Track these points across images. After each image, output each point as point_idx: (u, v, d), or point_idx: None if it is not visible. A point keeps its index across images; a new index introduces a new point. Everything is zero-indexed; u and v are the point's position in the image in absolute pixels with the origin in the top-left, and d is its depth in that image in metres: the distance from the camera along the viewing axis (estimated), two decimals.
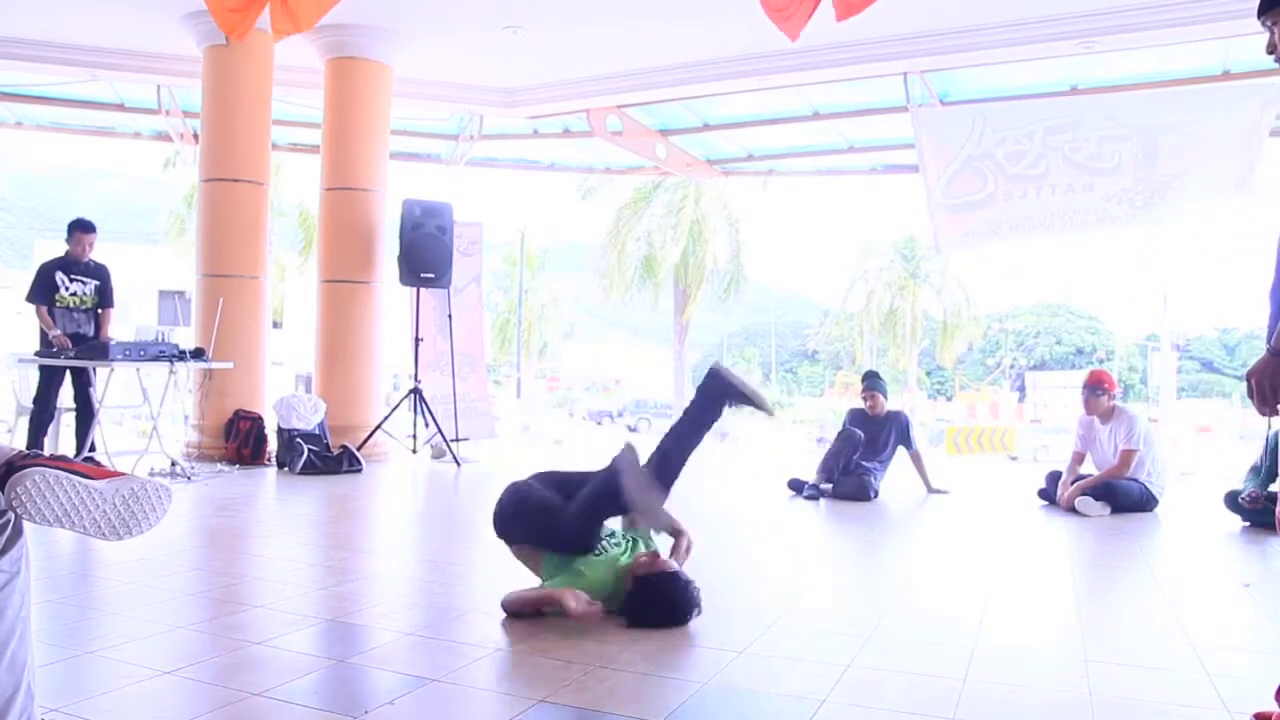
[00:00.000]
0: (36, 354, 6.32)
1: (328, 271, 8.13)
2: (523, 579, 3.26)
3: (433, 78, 8.95)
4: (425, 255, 7.71)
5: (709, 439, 3.29)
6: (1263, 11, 2.41)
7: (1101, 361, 40.51)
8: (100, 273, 6.63)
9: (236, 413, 7.38)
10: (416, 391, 7.69)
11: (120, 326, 7.38)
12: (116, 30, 7.96)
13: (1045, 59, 7.65)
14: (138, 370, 6.53)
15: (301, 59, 8.01)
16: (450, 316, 8.13)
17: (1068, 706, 2.33)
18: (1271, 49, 2.37)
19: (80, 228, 6.55)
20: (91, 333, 6.54)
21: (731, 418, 3.40)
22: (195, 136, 8.90)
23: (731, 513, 6.12)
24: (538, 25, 7.56)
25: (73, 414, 6.58)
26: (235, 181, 7.57)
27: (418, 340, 7.80)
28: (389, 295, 8.30)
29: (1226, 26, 6.68)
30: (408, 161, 10.95)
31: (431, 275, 7.75)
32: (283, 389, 11.71)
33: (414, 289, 7.85)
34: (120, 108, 10.10)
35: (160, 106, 9.68)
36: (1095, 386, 5.97)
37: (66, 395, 6.53)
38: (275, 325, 23.42)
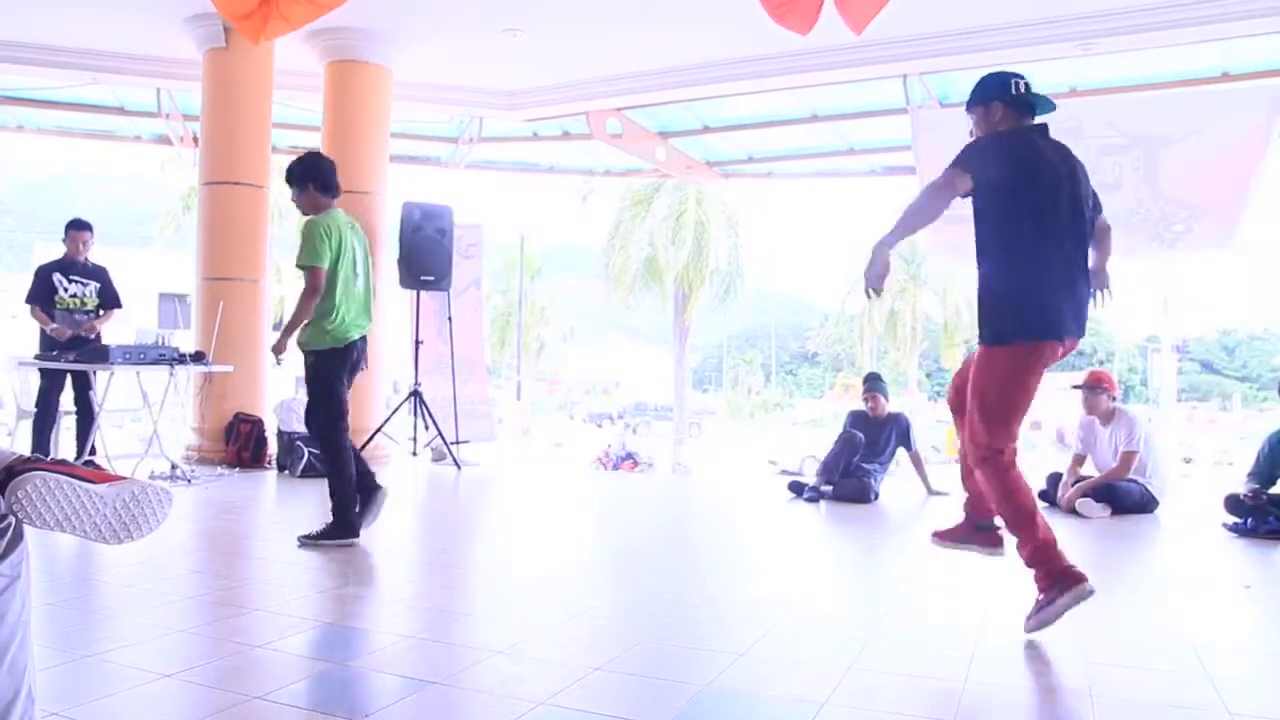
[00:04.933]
0: (36, 357, 6.30)
1: None
2: (520, 581, 3.24)
3: (432, 80, 8.95)
4: (425, 258, 7.72)
5: None
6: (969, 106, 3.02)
7: (1102, 363, 40.47)
8: (99, 274, 6.58)
9: (237, 416, 7.38)
10: (416, 394, 7.69)
11: (120, 329, 7.36)
12: (117, 34, 7.97)
13: (1044, 60, 7.64)
14: (138, 374, 6.53)
15: (301, 62, 8.01)
16: (450, 319, 8.13)
17: (1068, 708, 2.33)
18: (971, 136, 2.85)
19: (76, 226, 6.49)
20: (90, 335, 6.49)
21: None
22: (195, 140, 8.90)
23: (731, 515, 6.13)
24: (537, 28, 7.56)
25: (73, 417, 6.56)
26: (235, 185, 7.57)
27: (418, 343, 7.81)
28: (389, 298, 8.30)
29: (1225, 28, 6.68)
30: (407, 164, 10.95)
31: (431, 278, 7.76)
32: (283, 392, 11.69)
33: (414, 292, 7.85)
34: (120, 111, 10.11)
35: (160, 110, 9.69)
36: (1095, 386, 5.98)
37: (67, 398, 6.51)
38: (275, 328, 23.42)
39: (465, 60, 8.48)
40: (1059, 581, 2.82)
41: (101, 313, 6.56)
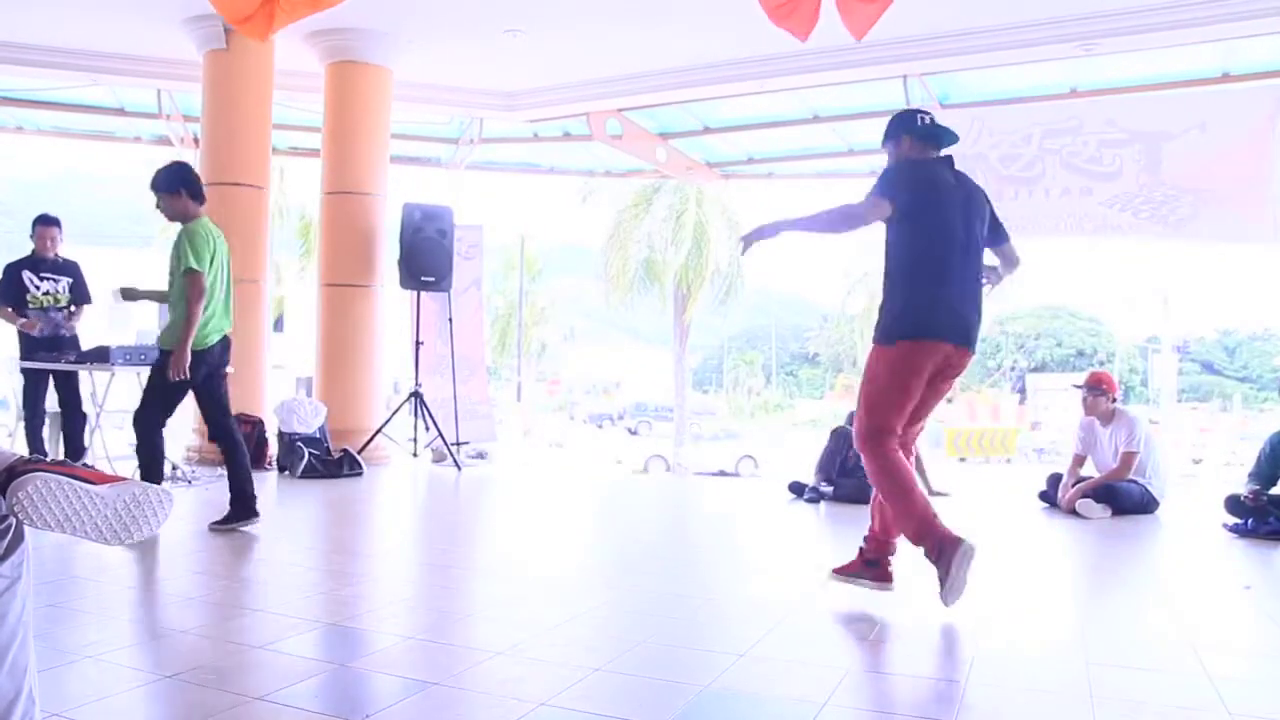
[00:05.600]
0: (22, 358, 6.24)
1: (328, 275, 8.13)
2: (521, 582, 3.24)
3: (433, 81, 8.95)
4: (426, 259, 7.72)
5: None
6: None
7: (1102, 364, 40.49)
8: (71, 269, 6.43)
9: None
10: (417, 395, 7.70)
11: (120, 330, 7.33)
12: (117, 35, 7.97)
13: (1045, 61, 7.64)
14: (138, 374, 6.51)
15: (302, 63, 8.02)
16: (450, 320, 8.13)
17: (1068, 709, 2.33)
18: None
19: (44, 222, 6.35)
20: (69, 332, 6.36)
21: None
22: (195, 140, 8.91)
23: (731, 515, 6.13)
24: (537, 29, 7.57)
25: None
26: (236, 185, 7.57)
27: (418, 344, 7.81)
28: (389, 299, 8.30)
29: (1227, 29, 6.68)
30: (408, 165, 10.95)
31: (432, 279, 7.76)
32: (283, 393, 11.72)
33: (414, 292, 7.86)
34: (121, 112, 10.11)
35: (160, 111, 9.69)
36: (1095, 386, 5.98)
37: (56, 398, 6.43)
38: (276, 329, 23.43)
39: (465, 61, 8.49)
40: (944, 550, 3.08)
41: (74, 309, 6.39)
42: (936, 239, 3.23)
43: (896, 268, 3.28)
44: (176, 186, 4.63)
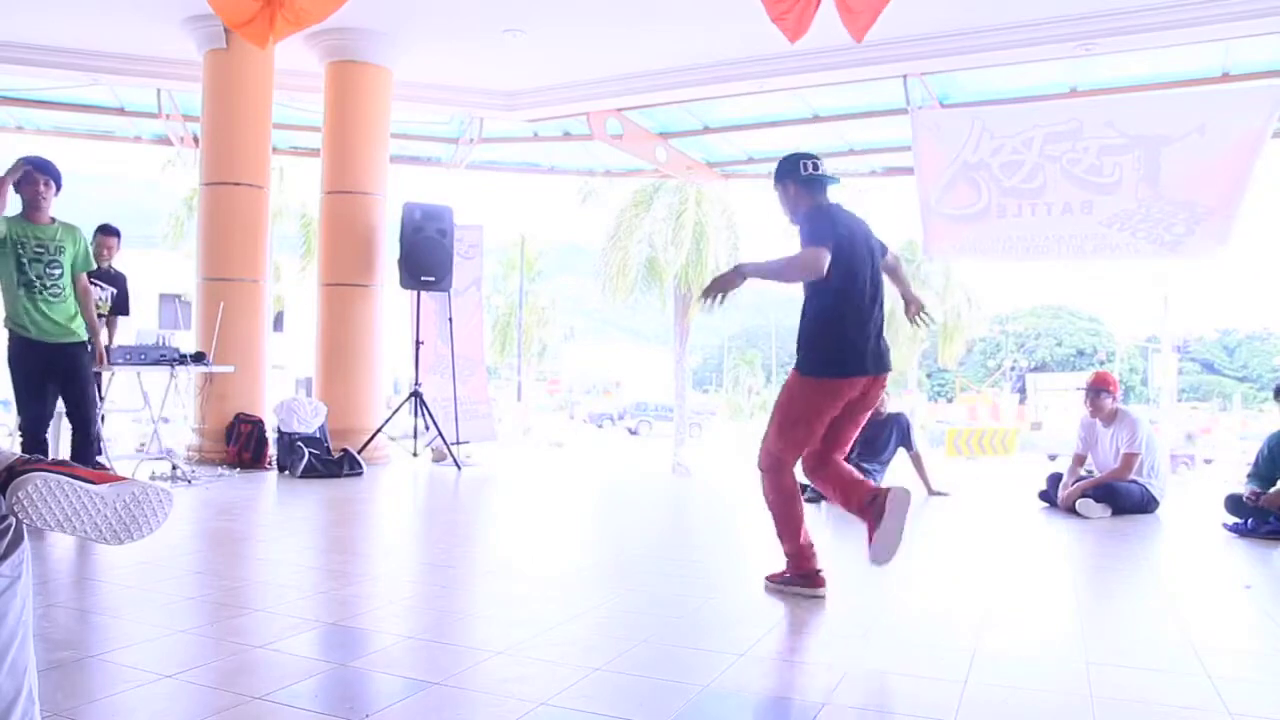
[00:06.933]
0: None
1: (328, 275, 8.13)
2: (521, 581, 3.24)
3: (433, 81, 8.96)
4: (426, 258, 7.73)
5: None
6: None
7: (1102, 363, 40.52)
8: (118, 280, 6.49)
9: (237, 416, 7.39)
10: (417, 395, 7.70)
11: (120, 330, 7.33)
12: (117, 34, 7.98)
13: (1045, 60, 7.64)
14: (138, 374, 6.52)
15: (302, 62, 8.02)
16: (450, 320, 8.13)
17: (1068, 708, 2.33)
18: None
19: (103, 231, 6.39)
20: (105, 341, 6.39)
21: None
22: (195, 140, 8.91)
23: (731, 515, 6.13)
24: (538, 28, 7.57)
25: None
26: (235, 185, 7.58)
27: (418, 343, 7.81)
28: (389, 298, 8.30)
29: (1226, 28, 6.68)
30: (408, 165, 10.95)
31: (432, 278, 7.77)
32: (283, 392, 11.71)
33: (414, 292, 7.86)
34: (121, 112, 10.11)
35: (161, 110, 9.70)
36: (1101, 388, 5.99)
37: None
38: (276, 329, 23.41)
39: (465, 61, 8.49)
40: (804, 579, 3.50)
41: (110, 318, 6.41)
42: (853, 283, 3.40)
43: (816, 310, 3.45)
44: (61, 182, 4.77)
